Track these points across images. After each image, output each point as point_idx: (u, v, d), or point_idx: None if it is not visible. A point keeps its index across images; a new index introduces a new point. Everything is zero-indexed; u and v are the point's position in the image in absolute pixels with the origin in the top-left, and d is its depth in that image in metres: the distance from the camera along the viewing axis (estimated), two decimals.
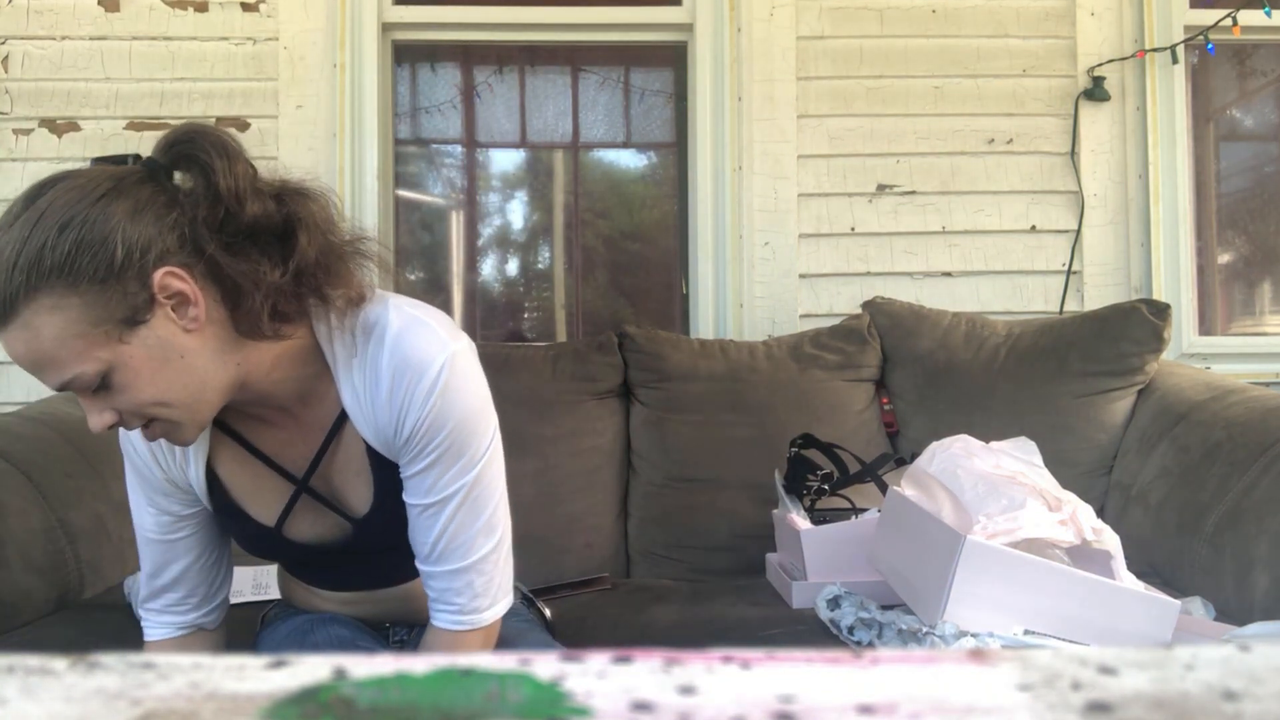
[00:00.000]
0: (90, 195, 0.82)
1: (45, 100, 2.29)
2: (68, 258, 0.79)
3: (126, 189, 0.84)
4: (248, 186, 0.87)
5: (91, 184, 0.82)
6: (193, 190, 0.87)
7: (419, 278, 2.59)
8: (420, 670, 0.22)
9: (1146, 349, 1.86)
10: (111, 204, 0.82)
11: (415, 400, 0.92)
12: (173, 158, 0.88)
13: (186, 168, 0.88)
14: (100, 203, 0.81)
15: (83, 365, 0.82)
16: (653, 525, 1.86)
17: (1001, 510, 1.20)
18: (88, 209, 0.81)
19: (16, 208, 0.82)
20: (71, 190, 0.81)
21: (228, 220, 0.86)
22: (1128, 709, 0.20)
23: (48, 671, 0.22)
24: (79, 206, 0.81)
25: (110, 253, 0.81)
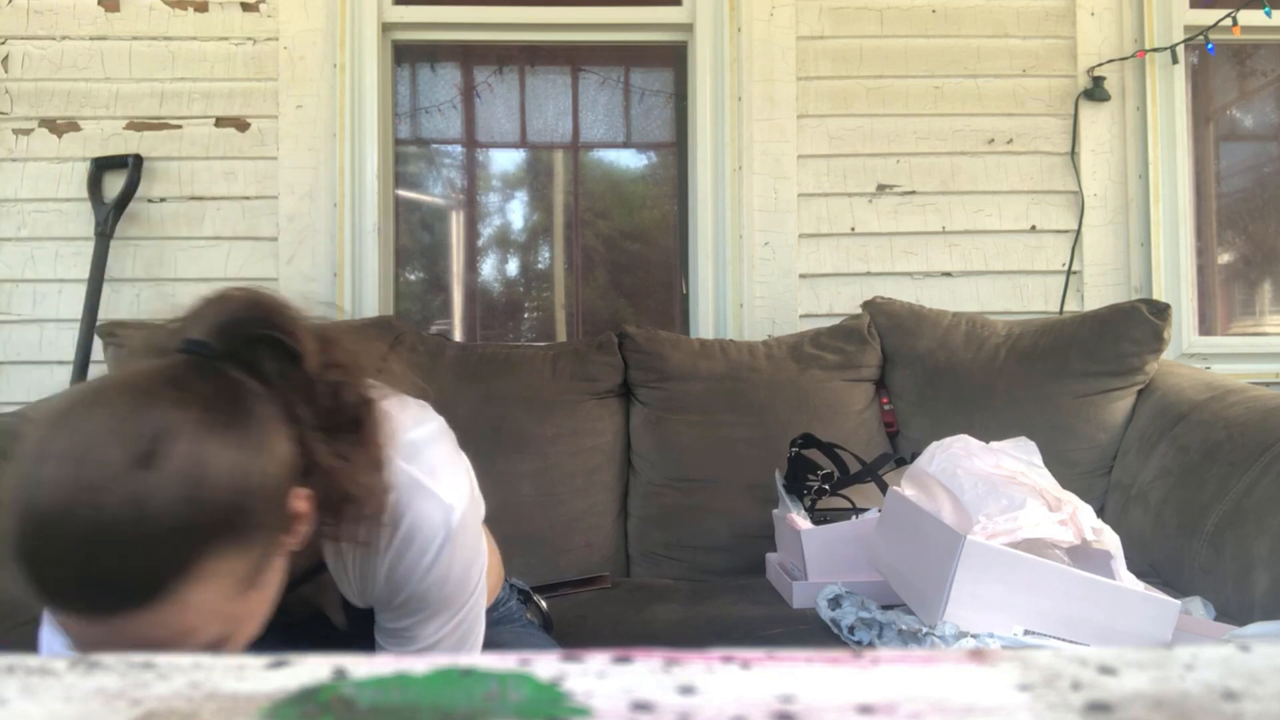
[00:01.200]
0: (221, 428, 0.66)
1: (45, 100, 2.29)
2: (226, 516, 0.65)
3: (249, 406, 0.69)
4: (326, 360, 0.75)
5: (211, 413, 0.67)
6: (284, 381, 0.73)
7: (419, 277, 2.59)
8: (420, 670, 0.22)
9: (1146, 349, 1.86)
10: (247, 434, 0.68)
11: (414, 576, 0.83)
12: (244, 341, 0.72)
13: (265, 353, 0.73)
14: (237, 437, 0.67)
15: (216, 628, 0.68)
16: (653, 525, 1.86)
17: (1001, 510, 1.20)
18: (235, 451, 0.66)
19: (127, 454, 0.63)
20: (197, 427, 0.65)
21: (320, 413, 0.74)
22: (1128, 709, 0.20)
23: (48, 671, 0.22)
24: (222, 449, 0.66)
25: (262, 493, 0.68)
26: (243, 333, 0.72)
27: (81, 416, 0.65)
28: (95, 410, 0.65)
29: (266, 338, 0.73)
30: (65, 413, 0.66)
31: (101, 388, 0.68)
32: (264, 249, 2.29)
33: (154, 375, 0.68)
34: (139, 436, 0.63)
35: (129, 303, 2.27)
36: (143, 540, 0.62)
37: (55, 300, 2.27)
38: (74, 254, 2.27)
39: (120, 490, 0.62)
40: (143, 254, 2.28)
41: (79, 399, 0.67)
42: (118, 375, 0.69)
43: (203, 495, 0.64)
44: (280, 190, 2.29)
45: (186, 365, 0.69)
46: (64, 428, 0.64)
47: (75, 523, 0.61)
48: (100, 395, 0.67)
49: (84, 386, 0.70)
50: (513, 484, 1.81)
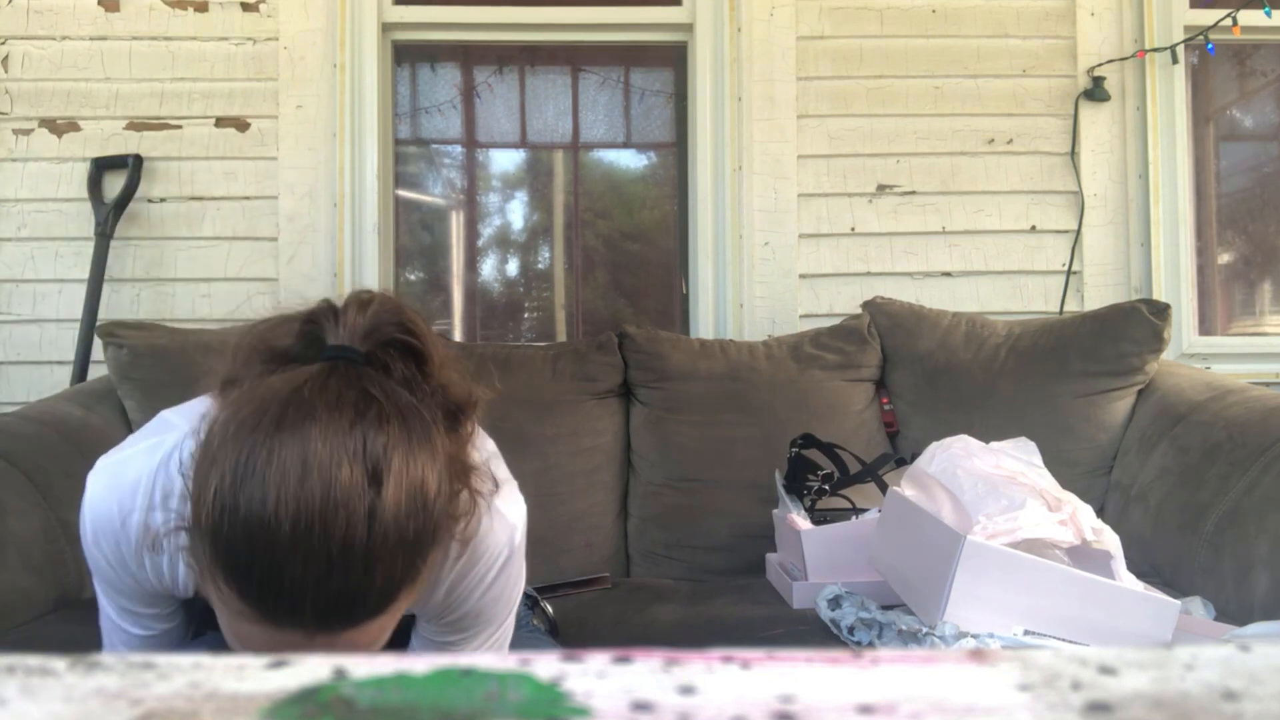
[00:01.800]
0: (420, 441, 0.67)
1: (45, 100, 2.29)
2: (439, 522, 0.68)
3: (423, 415, 0.70)
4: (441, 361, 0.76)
5: (407, 427, 0.67)
6: (423, 382, 0.74)
7: (419, 277, 2.59)
8: (420, 670, 0.22)
9: (1146, 349, 1.86)
10: (433, 444, 0.69)
11: (474, 594, 0.84)
12: (381, 345, 0.73)
13: (396, 356, 0.73)
14: (430, 448, 0.68)
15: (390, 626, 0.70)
16: (653, 525, 1.86)
17: (1001, 510, 1.20)
18: (432, 461, 0.68)
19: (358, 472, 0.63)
20: (401, 441, 0.66)
21: (443, 415, 0.74)
22: (1128, 709, 0.20)
23: (48, 671, 0.22)
24: (428, 462, 0.67)
25: (450, 497, 0.70)
26: (382, 337, 0.73)
27: (293, 435, 0.63)
28: (306, 428, 0.64)
29: (398, 341, 0.73)
30: (269, 431, 0.64)
31: (278, 398, 0.66)
32: (264, 249, 2.29)
33: (334, 386, 0.67)
34: (363, 455, 0.63)
35: (129, 303, 2.27)
36: (383, 556, 0.63)
37: (55, 300, 2.27)
38: (74, 254, 2.27)
39: (360, 509, 0.62)
40: (143, 254, 2.28)
41: (271, 415, 0.65)
42: (284, 384, 0.67)
43: (424, 507, 0.65)
44: (280, 190, 2.29)
45: (350, 374, 0.69)
46: (280, 448, 0.63)
47: (319, 542, 0.61)
48: (299, 412, 0.65)
49: (248, 397, 0.67)
50: None
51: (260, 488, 0.62)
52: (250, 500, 0.62)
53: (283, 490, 0.61)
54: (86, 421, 1.78)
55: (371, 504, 0.63)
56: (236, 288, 2.29)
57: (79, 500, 0.88)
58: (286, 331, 0.75)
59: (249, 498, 0.62)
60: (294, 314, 0.76)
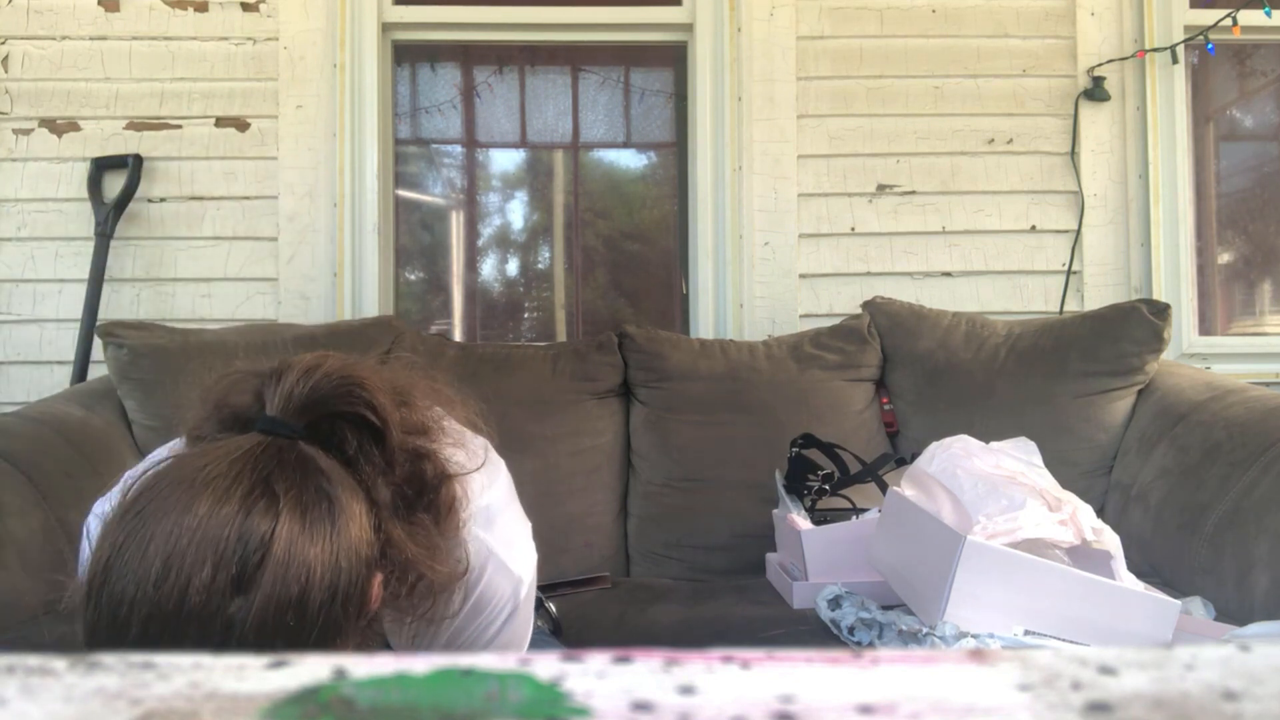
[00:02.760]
0: (315, 537, 0.62)
1: (45, 100, 2.29)
2: (322, 629, 0.62)
3: (338, 502, 0.65)
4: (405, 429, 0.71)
5: (304, 520, 0.62)
6: (366, 462, 0.69)
7: (419, 277, 2.59)
8: (420, 670, 0.22)
9: (1146, 349, 1.86)
10: (338, 536, 0.63)
11: (475, 646, 0.82)
12: (326, 418, 0.68)
13: (348, 430, 0.69)
14: (329, 544, 0.63)
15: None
16: (653, 525, 1.86)
17: (1001, 510, 1.20)
18: (329, 559, 0.62)
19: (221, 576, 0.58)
20: (290, 540, 0.61)
21: (399, 492, 0.70)
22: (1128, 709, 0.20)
23: (47, 671, 0.22)
24: (317, 562, 0.61)
25: (353, 597, 0.64)
26: (326, 410, 0.68)
27: (167, 525, 0.59)
28: (174, 513, 0.60)
29: (351, 414, 0.69)
30: (145, 512, 0.60)
31: (179, 479, 0.62)
32: (264, 249, 2.29)
33: (234, 465, 0.63)
34: (234, 555, 0.59)
35: (129, 303, 2.27)
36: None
37: (55, 300, 2.27)
38: (74, 254, 2.27)
39: (216, 619, 0.58)
40: (143, 254, 2.28)
41: (160, 498, 0.61)
42: (198, 462, 0.63)
43: (302, 617, 0.60)
44: (280, 190, 2.29)
45: (269, 451, 0.64)
46: (151, 539, 0.59)
47: (165, 644, 0.57)
48: (180, 493, 0.61)
49: (160, 474, 0.63)
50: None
51: (121, 581, 0.58)
52: (111, 593, 0.58)
53: (141, 589, 0.58)
54: (86, 421, 1.78)
55: (230, 615, 0.58)
56: (236, 288, 2.29)
57: (78, 500, 0.89)
58: (245, 389, 0.70)
59: (110, 590, 0.58)
60: (258, 370, 0.72)
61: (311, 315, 2.26)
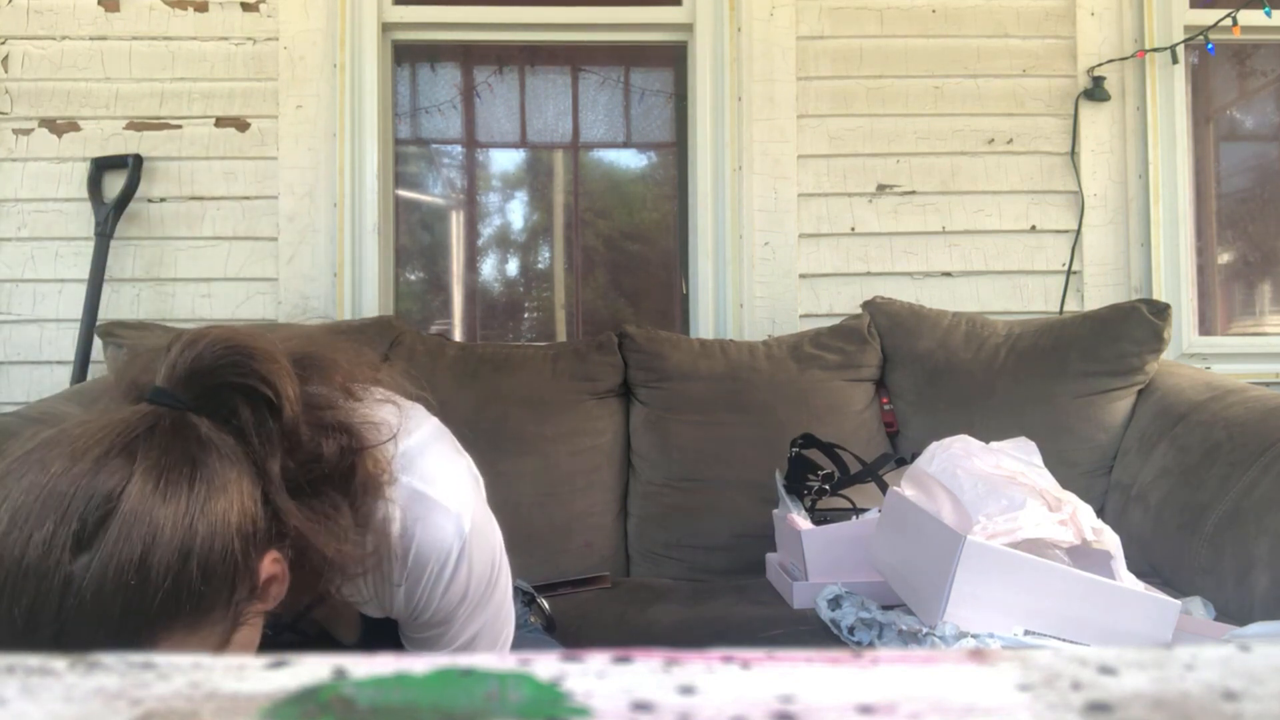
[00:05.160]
0: (171, 499, 0.60)
1: (45, 100, 2.29)
2: (175, 598, 0.59)
3: (208, 468, 0.63)
4: (305, 410, 0.69)
5: (160, 481, 0.60)
6: (257, 435, 0.67)
7: (419, 277, 2.59)
8: (420, 670, 0.22)
9: (1146, 349, 1.86)
10: (201, 501, 0.62)
11: (434, 597, 0.79)
12: (215, 389, 0.67)
13: (240, 402, 0.67)
14: (187, 507, 0.61)
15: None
16: (653, 525, 1.86)
17: (1001, 510, 1.20)
18: (184, 524, 0.60)
19: (62, 533, 0.57)
20: (140, 499, 0.59)
21: (299, 468, 0.68)
22: (1128, 709, 0.20)
23: (47, 671, 0.22)
24: (168, 525, 0.60)
25: (218, 568, 0.62)
26: (214, 381, 0.66)
27: (16, 479, 0.59)
28: (32, 472, 0.59)
29: (241, 385, 0.67)
30: (7, 471, 0.60)
31: (49, 441, 0.61)
32: (264, 249, 2.29)
33: (106, 431, 0.62)
34: (77, 512, 0.57)
35: (129, 303, 2.27)
36: (76, 631, 0.56)
37: (55, 300, 2.27)
38: (74, 254, 2.27)
39: (53, 577, 0.56)
40: (143, 254, 2.28)
41: (21, 453, 0.61)
42: (71, 427, 0.63)
43: (145, 579, 0.58)
44: (280, 190, 2.29)
45: (147, 419, 0.63)
46: (3, 491, 0.59)
47: (4, 607, 0.56)
48: (44, 452, 0.60)
49: (35, 438, 0.63)
50: (513, 484, 1.81)
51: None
52: None
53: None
54: None
55: (70, 572, 0.56)
56: (236, 288, 2.29)
57: None
58: (148, 364, 0.69)
59: None
60: (154, 346, 0.71)
61: (311, 315, 2.26)
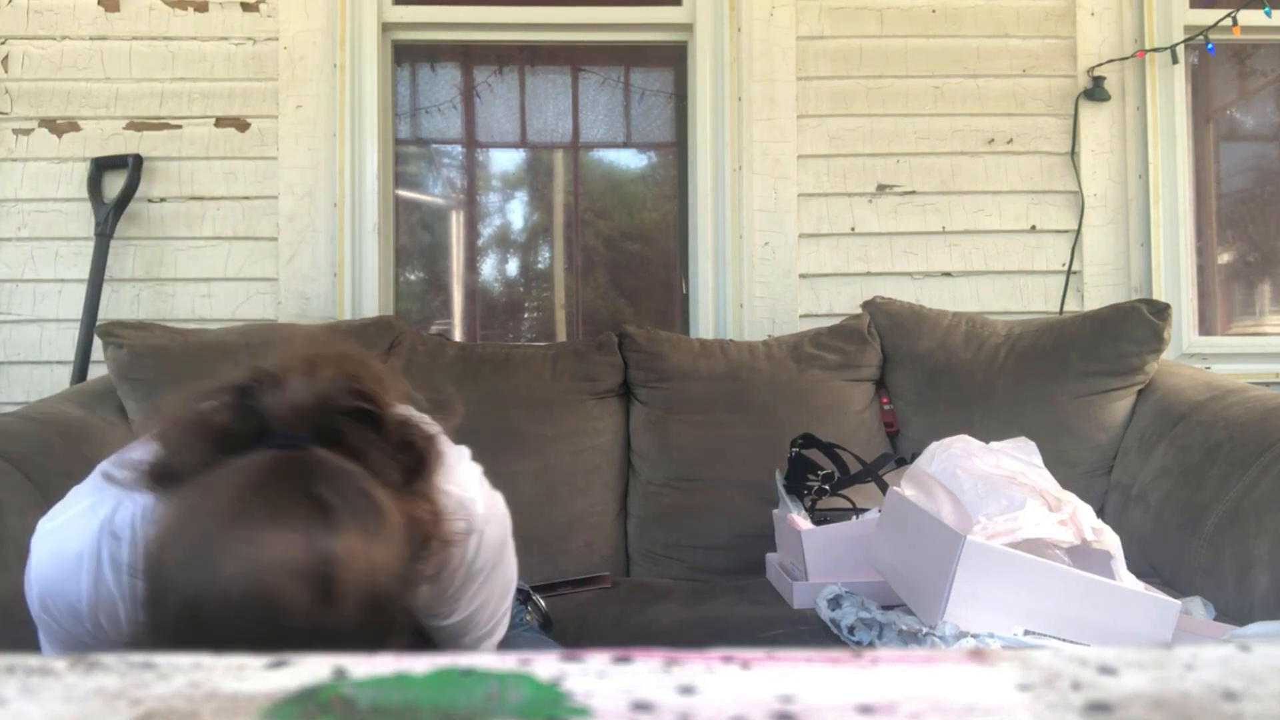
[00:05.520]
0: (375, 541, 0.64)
1: (45, 100, 2.29)
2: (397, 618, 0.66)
3: (377, 501, 0.65)
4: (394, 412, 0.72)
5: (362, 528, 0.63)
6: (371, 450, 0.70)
7: (419, 277, 2.59)
8: (420, 670, 0.22)
9: (1146, 349, 1.86)
10: (390, 534, 0.66)
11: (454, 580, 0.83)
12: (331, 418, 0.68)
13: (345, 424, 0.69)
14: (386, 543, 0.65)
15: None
16: (653, 525, 1.86)
17: (1001, 510, 1.20)
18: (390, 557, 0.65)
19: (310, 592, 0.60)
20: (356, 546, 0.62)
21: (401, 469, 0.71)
22: (1128, 709, 0.20)
23: (48, 671, 0.22)
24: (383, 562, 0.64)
25: (410, 582, 0.69)
26: (332, 407, 0.67)
27: (229, 560, 0.60)
28: (246, 548, 0.60)
29: (351, 409, 0.68)
30: (203, 559, 0.61)
31: (221, 513, 0.62)
32: (264, 249, 2.29)
33: (277, 491, 0.62)
34: (314, 574, 0.60)
35: (129, 303, 2.27)
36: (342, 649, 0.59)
37: (55, 300, 2.27)
38: (74, 254, 2.27)
39: (311, 629, 0.60)
40: (143, 254, 2.28)
41: (205, 535, 0.61)
42: (222, 492, 0.63)
43: (381, 612, 0.63)
44: (280, 190, 2.29)
45: (294, 466, 0.64)
46: (217, 576, 0.60)
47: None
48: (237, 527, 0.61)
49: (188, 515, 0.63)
50: (513, 484, 1.79)
51: (217, 629, 0.59)
52: (208, 638, 0.57)
53: (237, 628, 0.59)
54: (86, 421, 1.78)
55: (325, 621, 0.60)
56: (236, 288, 2.29)
57: None
58: (223, 406, 0.69)
59: (207, 636, 0.59)
60: (226, 384, 0.70)
61: (311, 315, 2.26)
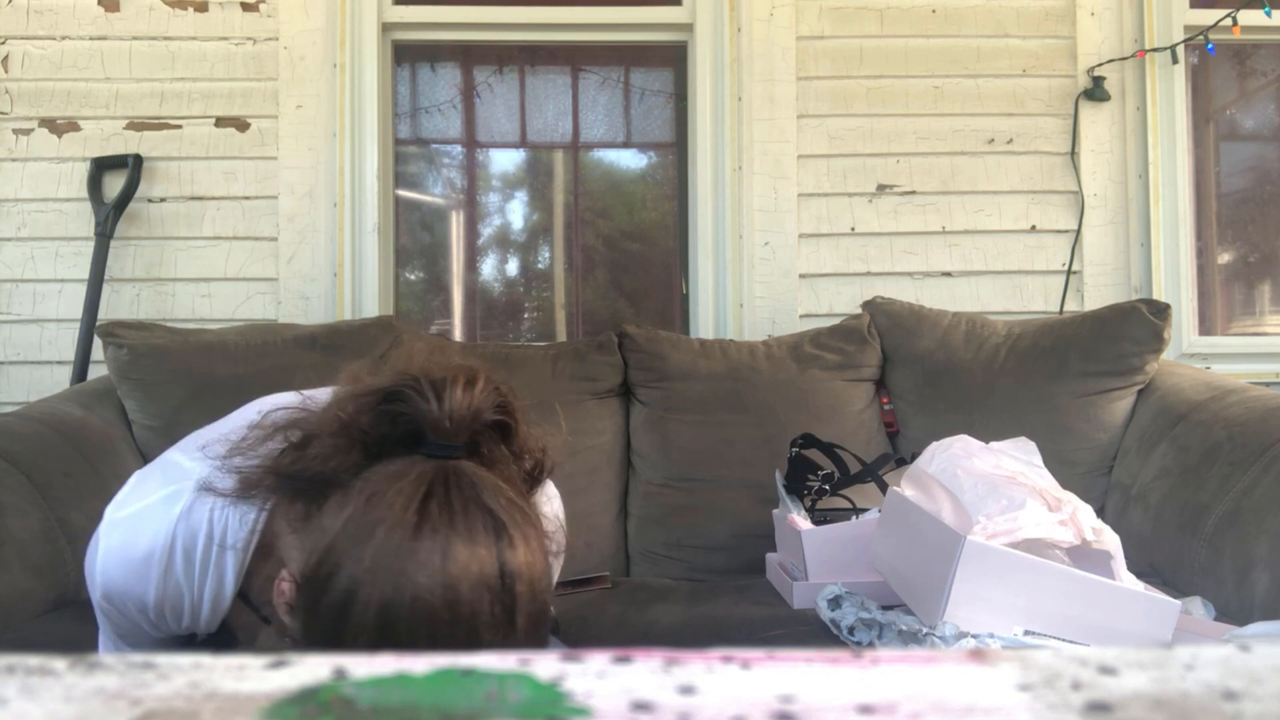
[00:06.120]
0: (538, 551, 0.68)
1: (45, 100, 2.29)
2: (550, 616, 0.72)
3: (526, 506, 0.70)
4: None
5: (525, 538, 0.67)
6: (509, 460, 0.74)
7: (419, 277, 2.59)
8: (420, 670, 0.22)
9: (1146, 349, 1.86)
10: (540, 536, 0.70)
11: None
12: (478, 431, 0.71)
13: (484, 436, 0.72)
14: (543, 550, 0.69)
15: None
16: (653, 525, 1.86)
17: (1001, 510, 1.20)
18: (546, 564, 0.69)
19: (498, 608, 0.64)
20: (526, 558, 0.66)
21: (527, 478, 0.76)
22: (1128, 709, 0.20)
23: (48, 671, 0.22)
24: (545, 569, 0.68)
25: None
26: (482, 421, 0.70)
27: (422, 570, 0.63)
28: (435, 558, 0.63)
29: (494, 422, 0.71)
30: (391, 566, 0.63)
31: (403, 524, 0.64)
32: (264, 249, 2.29)
33: (454, 503, 0.65)
34: (503, 591, 0.64)
35: (129, 303, 2.27)
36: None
37: (55, 300, 2.27)
38: (74, 254, 2.27)
39: (499, 641, 0.63)
40: (143, 254, 2.28)
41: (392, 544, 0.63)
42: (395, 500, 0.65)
43: (543, 622, 0.67)
44: (280, 190, 2.29)
45: (456, 477, 0.66)
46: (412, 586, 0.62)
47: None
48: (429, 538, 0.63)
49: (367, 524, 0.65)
50: None
51: (411, 636, 0.62)
52: (401, 643, 0.62)
53: (435, 639, 0.62)
54: (86, 421, 1.78)
55: (510, 636, 0.64)
56: (236, 288, 2.29)
57: (78, 500, 0.88)
58: (371, 409, 0.70)
59: (400, 642, 0.62)
60: (376, 388, 0.71)
61: (311, 315, 2.26)
